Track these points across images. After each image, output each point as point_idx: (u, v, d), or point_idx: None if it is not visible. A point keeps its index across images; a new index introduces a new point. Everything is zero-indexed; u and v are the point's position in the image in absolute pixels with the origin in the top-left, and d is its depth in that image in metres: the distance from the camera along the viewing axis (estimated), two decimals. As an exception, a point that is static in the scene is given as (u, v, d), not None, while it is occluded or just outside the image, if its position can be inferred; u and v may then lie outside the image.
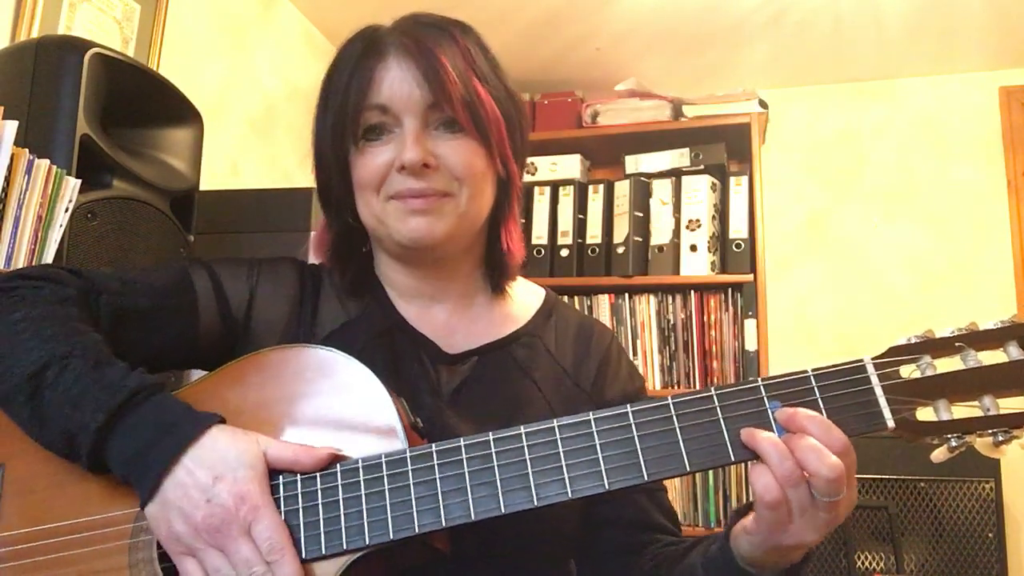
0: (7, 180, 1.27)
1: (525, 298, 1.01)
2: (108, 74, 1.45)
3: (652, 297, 2.77)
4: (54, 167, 1.32)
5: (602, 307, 2.80)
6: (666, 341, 2.73)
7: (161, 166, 1.58)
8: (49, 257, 1.32)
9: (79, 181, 1.35)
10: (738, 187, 2.74)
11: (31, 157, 1.30)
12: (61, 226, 1.33)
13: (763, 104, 2.83)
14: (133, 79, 1.53)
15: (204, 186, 1.72)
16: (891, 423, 0.69)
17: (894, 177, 3.07)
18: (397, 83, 0.86)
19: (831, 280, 3.06)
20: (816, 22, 2.74)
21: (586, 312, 2.81)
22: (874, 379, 0.70)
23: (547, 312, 1.00)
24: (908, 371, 0.71)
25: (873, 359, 0.72)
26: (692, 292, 2.73)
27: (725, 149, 2.80)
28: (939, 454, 0.71)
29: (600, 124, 2.94)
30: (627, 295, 2.79)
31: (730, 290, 2.69)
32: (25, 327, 0.78)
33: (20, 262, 1.28)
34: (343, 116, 0.88)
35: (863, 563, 2.37)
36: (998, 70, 3.01)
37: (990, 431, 0.69)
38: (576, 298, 2.84)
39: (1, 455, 0.80)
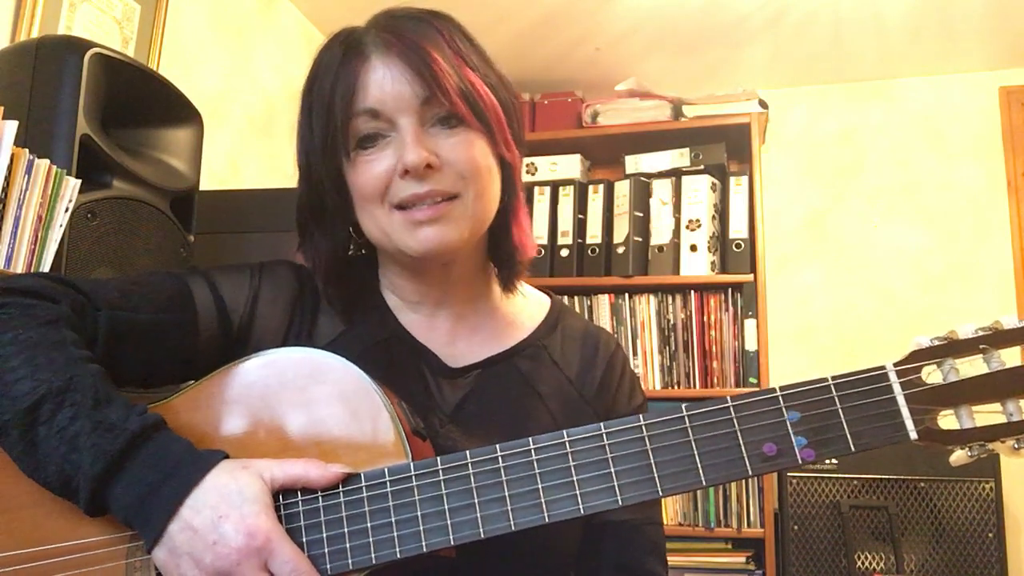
0: (7, 180, 1.26)
1: (530, 306, 0.98)
2: (108, 74, 1.45)
3: (652, 297, 2.77)
4: (54, 167, 1.32)
5: (602, 307, 2.80)
6: (666, 341, 2.73)
7: (161, 166, 1.58)
8: (49, 257, 1.32)
9: (79, 181, 1.35)
10: (738, 187, 2.74)
11: (31, 157, 1.30)
12: (61, 226, 1.33)
13: (763, 104, 2.83)
14: (133, 79, 1.53)
15: (204, 186, 1.72)
16: (914, 435, 0.67)
17: (894, 177, 3.07)
18: (387, 83, 0.82)
19: (831, 280, 3.06)
20: (816, 22, 2.74)
21: (586, 313, 2.81)
22: (897, 387, 0.68)
23: (553, 321, 0.97)
24: (929, 374, 0.68)
25: (895, 365, 0.69)
26: (692, 292, 2.73)
27: (725, 149, 2.80)
28: (958, 458, 0.69)
29: (600, 124, 2.94)
30: (627, 295, 2.79)
31: (730, 290, 2.69)
32: (16, 352, 0.73)
33: (20, 262, 1.28)
34: (331, 128, 0.83)
35: (863, 563, 2.37)
36: (998, 70, 3.01)
37: (1013, 437, 0.67)
38: (576, 298, 2.84)
39: None
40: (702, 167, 2.79)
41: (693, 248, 2.73)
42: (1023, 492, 2.63)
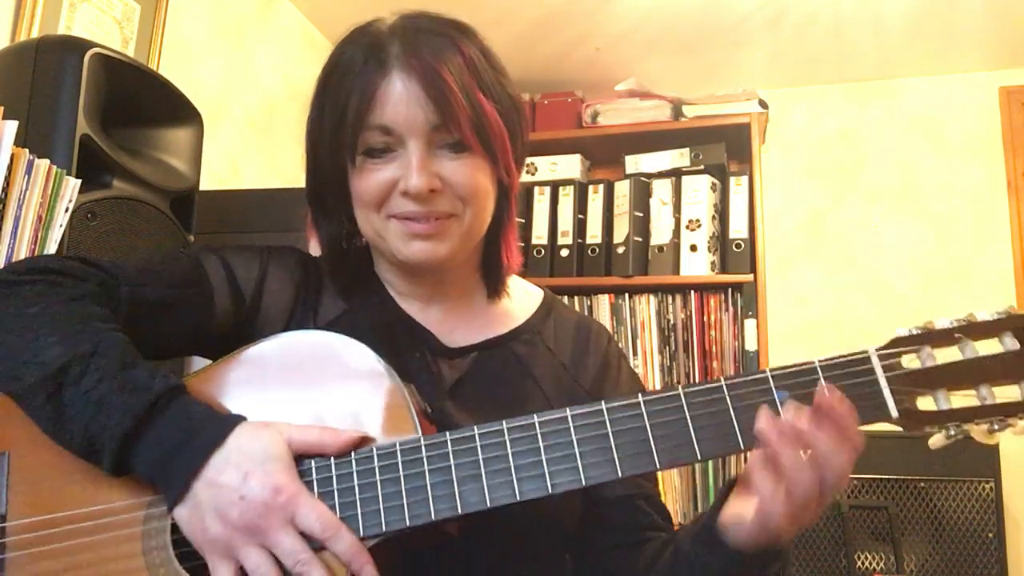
0: (7, 180, 1.26)
1: (523, 298, 1.01)
2: (108, 74, 1.45)
3: (652, 297, 2.77)
4: (54, 167, 1.32)
5: (602, 307, 2.80)
6: (666, 341, 2.73)
7: (161, 166, 1.58)
8: (49, 257, 1.32)
9: (79, 181, 1.35)
10: (738, 187, 2.74)
11: (31, 157, 1.30)
12: (61, 226, 1.33)
13: (763, 104, 2.83)
14: (133, 79, 1.53)
15: (204, 186, 1.72)
16: (895, 413, 0.72)
17: (894, 177, 3.07)
18: (402, 104, 0.84)
19: (831, 280, 3.06)
20: (816, 22, 2.74)
21: (586, 312, 2.81)
22: (879, 370, 0.72)
23: (546, 311, 1.01)
24: (909, 360, 0.73)
25: (877, 350, 0.73)
26: (692, 292, 2.72)
27: (725, 149, 2.79)
28: (936, 440, 0.74)
29: (600, 124, 2.94)
30: (627, 295, 2.78)
31: (730, 290, 2.69)
32: (44, 323, 0.76)
33: (20, 262, 1.28)
34: (342, 132, 0.86)
35: (863, 563, 2.37)
36: (998, 70, 3.01)
37: (986, 419, 0.72)
38: (576, 298, 2.84)
39: (5, 443, 0.80)
40: (702, 167, 2.78)
41: (693, 248, 2.73)
42: (1023, 492, 2.63)
